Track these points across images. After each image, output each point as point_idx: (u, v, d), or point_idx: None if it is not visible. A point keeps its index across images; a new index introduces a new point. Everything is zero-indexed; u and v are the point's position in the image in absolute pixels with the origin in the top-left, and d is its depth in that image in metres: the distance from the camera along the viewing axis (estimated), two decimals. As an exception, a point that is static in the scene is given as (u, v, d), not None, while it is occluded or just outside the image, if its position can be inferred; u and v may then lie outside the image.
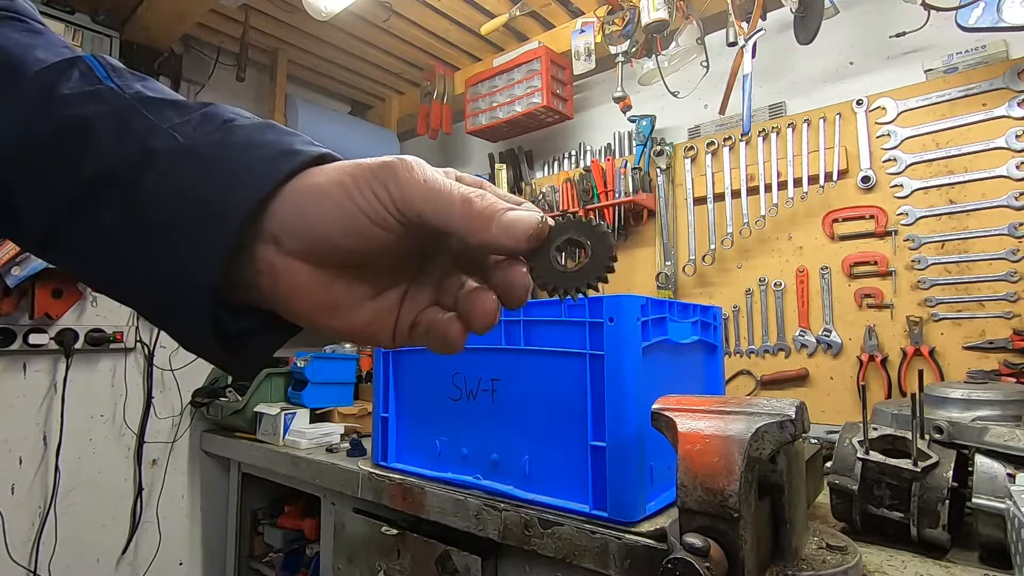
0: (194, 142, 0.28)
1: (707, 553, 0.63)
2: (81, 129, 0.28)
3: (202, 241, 0.26)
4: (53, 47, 0.32)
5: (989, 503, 0.74)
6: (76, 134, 0.28)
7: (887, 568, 0.75)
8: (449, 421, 1.13)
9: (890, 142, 1.44)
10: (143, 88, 0.30)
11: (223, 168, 0.27)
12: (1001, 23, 1.17)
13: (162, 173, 0.27)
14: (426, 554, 1.13)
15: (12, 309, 1.58)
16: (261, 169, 0.27)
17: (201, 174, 0.27)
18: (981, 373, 1.18)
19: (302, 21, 1.87)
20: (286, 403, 1.73)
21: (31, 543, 1.61)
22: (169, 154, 0.28)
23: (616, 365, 0.89)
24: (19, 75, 0.30)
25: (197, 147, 0.28)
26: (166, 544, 1.89)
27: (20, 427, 1.62)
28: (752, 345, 1.63)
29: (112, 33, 1.70)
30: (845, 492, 0.84)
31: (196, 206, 0.27)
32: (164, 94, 0.30)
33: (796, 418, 0.68)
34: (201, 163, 0.28)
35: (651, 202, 1.80)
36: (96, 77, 0.30)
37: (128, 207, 0.27)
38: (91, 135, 0.28)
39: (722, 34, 1.57)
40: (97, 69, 0.30)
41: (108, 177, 0.27)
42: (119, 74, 0.31)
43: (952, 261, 1.36)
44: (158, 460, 1.90)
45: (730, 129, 1.68)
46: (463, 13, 1.92)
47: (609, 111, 1.98)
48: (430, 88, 2.22)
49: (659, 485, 0.94)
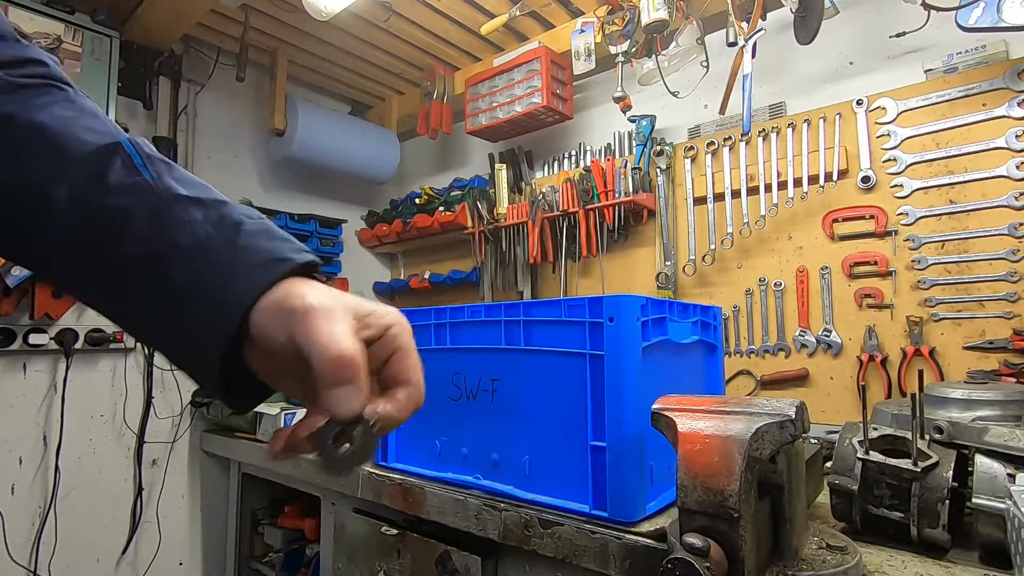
0: (211, 243, 0.36)
1: (707, 553, 0.63)
2: (122, 219, 0.35)
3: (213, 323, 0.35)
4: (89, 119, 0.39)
5: (989, 503, 0.74)
6: (116, 223, 0.35)
7: (887, 568, 0.75)
8: (449, 421, 1.13)
9: (890, 142, 1.44)
10: (174, 183, 0.37)
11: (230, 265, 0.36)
12: (1001, 23, 1.17)
13: (183, 263, 0.35)
14: (426, 554, 1.13)
15: (12, 309, 1.58)
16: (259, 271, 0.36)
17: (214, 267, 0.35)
18: (981, 373, 1.18)
19: (302, 21, 1.87)
20: (286, 403, 1.73)
21: (31, 543, 1.61)
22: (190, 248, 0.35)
23: (616, 365, 0.89)
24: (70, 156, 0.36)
25: (213, 247, 0.36)
26: (166, 544, 1.89)
27: (20, 427, 1.62)
28: (752, 345, 1.63)
29: (112, 33, 1.70)
30: (845, 492, 0.84)
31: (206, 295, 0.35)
32: (189, 188, 0.38)
33: (796, 418, 0.68)
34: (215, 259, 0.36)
35: (651, 202, 1.80)
36: (134, 167, 0.37)
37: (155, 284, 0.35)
38: (129, 224, 0.35)
39: (722, 34, 1.57)
40: (135, 158, 0.37)
41: (140, 261, 0.35)
42: (152, 163, 0.38)
43: (952, 261, 1.36)
44: (158, 460, 1.90)
45: (730, 129, 1.68)
46: (463, 13, 1.92)
47: (609, 111, 1.98)
48: (430, 88, 2.22)
49: (659, 485, 0.94)
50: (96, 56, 1.66)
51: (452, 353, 1.12)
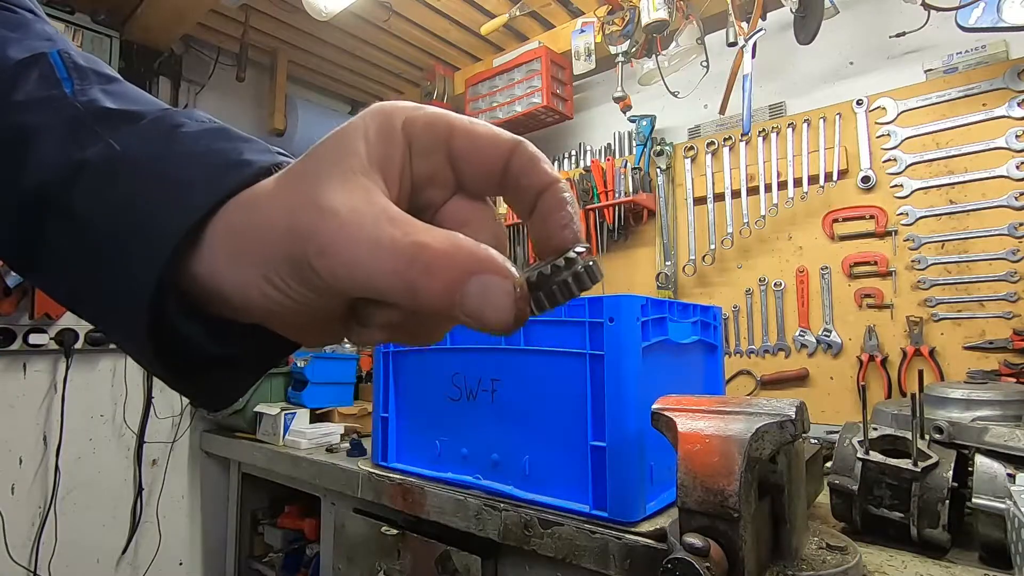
0: (131, 152, 0.25)
1: (707, 553, 0.63)
2: (23, 141, 0.26)
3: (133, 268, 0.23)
4: (32, 40, 0.30)
5: (989, 503, 0.74)
6: (18, 145, 0.26)
7: (887, 568, 0.75)
8: (449, 421, 1.13)
9: (890, 142, 1.44)
10: (101, 94, 0.28)
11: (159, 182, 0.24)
12: (1001, 23, 1.17)
13: (92, 188, 0.24)
14: (426, 554, 1.13)
15: (12, 309, 1.58)
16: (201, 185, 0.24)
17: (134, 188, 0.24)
18: (981, 373, 1.18)
19: (302, 21, 1.87)
20: (286, 403, 1.73)
21: (31, 543, 1.61)
22: (101, 166, 0.25)
23: (616, 365, 0.89)
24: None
25: (134, 158, 0.25)
26: (166, 544, 1.89)
27: (20, 427, 1.62)
28: (752, 345, 1.63)
29: (112, 33, 1.70)
30: (845, 492, 0.84)
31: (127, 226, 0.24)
32: (123, 102, 0.28)
33: (796, 418, 0.68)
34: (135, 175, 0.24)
35: (651, 202, 1.80)
36: (55, 80, 0.28)
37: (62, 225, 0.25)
38: (32, 147, 0.26)
39: (722, 34, 1.57)
40: (59, 70, 0.28)
41: (41, 192, 0.25)
42: (82, 75, 0.28)
43: (952, 261, 1.36)
44: (158, 460, 1.90)
45: (730, 129, 1.68)
46: (463, 13, 1.92)
47: (609, 111, 1.98)
48: (430, 88, 2.22)
49: (659, 485, 0.94)
50: (96, 56, 1.66)
51: (452, 353, 1.12)
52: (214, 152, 0.25)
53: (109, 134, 0.26)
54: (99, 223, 0.24)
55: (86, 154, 0.25)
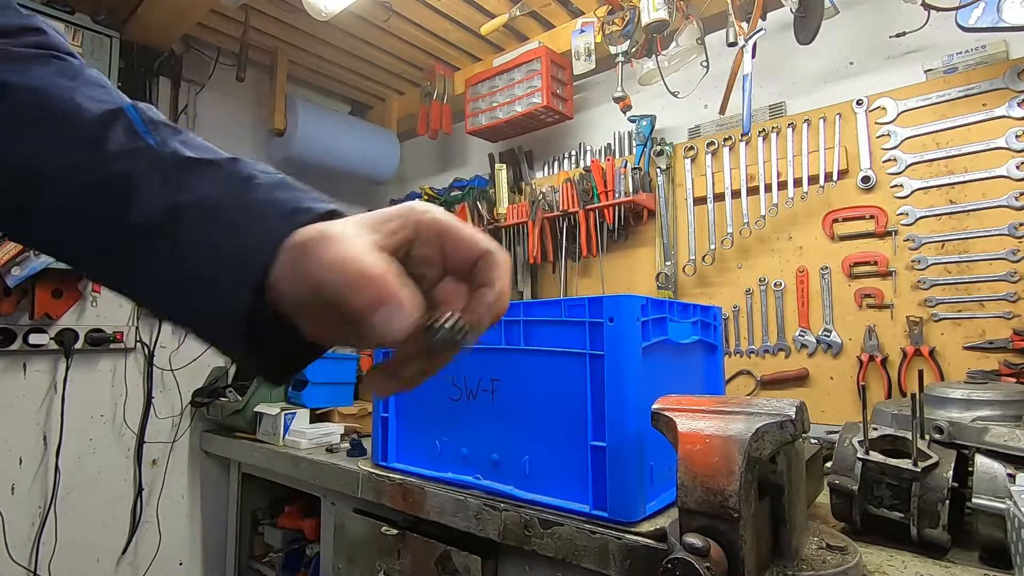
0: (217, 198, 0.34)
1: (707, 553, 0.63)
2: (126, 187, 0.33)
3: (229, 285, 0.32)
4: (91, 89, 0.36)
5: (989, 503, 0.74)
6: (122, 190, 0.33)
7: (887, 568, 0.75)
8: (449, 421, 1.13)
9: (890, 142, 1.44)
10: (180, 146, 0.35)
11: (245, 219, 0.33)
12: (1001, 23, 1.17)
13: (190, 228, 0.33)
14: (426, 554, 1.13)
15: (12, 309, 1.58)
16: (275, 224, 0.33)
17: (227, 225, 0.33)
18: (981, 373, 1.18)
19: (302, 21, 1.87)
20: (286, 403, 1.73)
21: (31, 543, 1.62)
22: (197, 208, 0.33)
23: (616, 365, 0.89)
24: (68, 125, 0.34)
25: (220, 203, 0.33)
26: (166, 544, 1.89)
27: (20, 427, 1.63)
28: (752, 345, 1.63)
29: (112, 33, 1.70)
30: (845, 492, 0.84)
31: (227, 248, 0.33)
32: (196, 151, 0.35)
33: (796, 418, 0.68)
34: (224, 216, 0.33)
35: (651, 202, 1.80)
36: (137, 133, 0.35)
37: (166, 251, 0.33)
38: (134, 191, 0.33)
39: (722, 34, 1.57)
40: (137, 124, 0.35)
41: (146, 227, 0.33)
42: (156, 128, 0.35)
43: (952, 261, 1.36)
44: (158, 460, 1.90)
45: (730, 129, 1.68)
46: (463, 13, 1.92)
47: (609, 111, 1.98)
48: (430, 88, 2.22)
49: (659, 485, 0.94)
50: (96, 56, 1.66)
51: (452, 353, 1.12)
52: (283, 200, 0.34)
53: (199, 181, 0.34)
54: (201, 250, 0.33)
55: (183, 197, 0.33)
